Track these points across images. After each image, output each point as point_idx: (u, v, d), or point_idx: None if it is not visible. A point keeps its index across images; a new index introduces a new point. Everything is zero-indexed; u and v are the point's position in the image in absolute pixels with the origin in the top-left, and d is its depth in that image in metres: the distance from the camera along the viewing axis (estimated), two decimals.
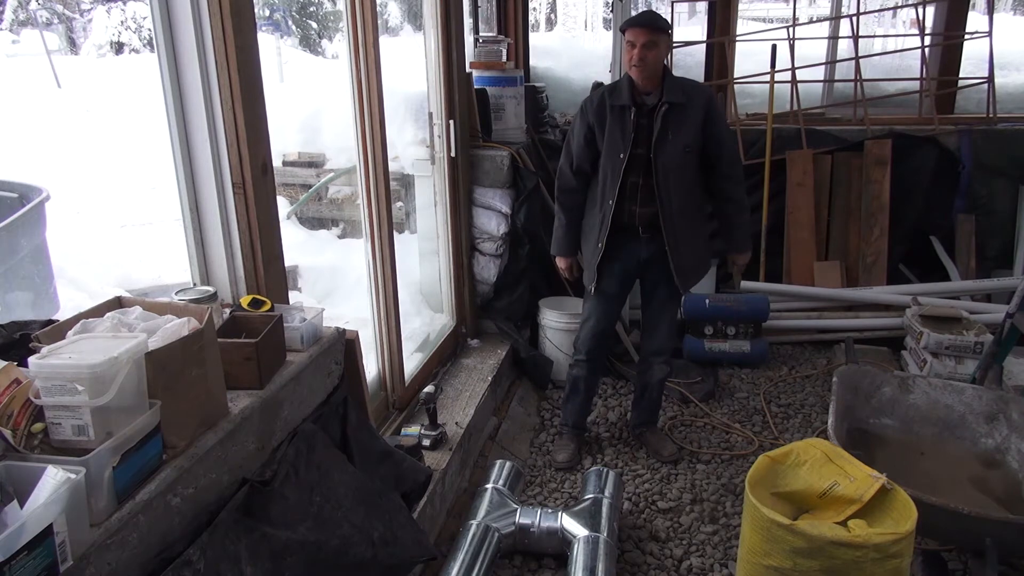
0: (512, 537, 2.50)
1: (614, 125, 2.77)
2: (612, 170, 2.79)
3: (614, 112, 2.77)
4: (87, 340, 1.26)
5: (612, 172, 2.79)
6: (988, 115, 4.46)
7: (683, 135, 2.72)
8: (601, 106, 2.79)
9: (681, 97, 2.71)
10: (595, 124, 2.81)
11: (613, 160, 2.78)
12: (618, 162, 2.76)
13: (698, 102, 2.74)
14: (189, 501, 1.33)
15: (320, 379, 1.83)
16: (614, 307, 3.04)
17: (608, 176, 2.80)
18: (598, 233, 2.87)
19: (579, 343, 3.11)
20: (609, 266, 2.90)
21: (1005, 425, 2.56)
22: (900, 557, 1.80)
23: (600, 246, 2.85)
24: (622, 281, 2.98)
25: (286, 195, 4.26)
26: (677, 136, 2.72)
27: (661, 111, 2.70)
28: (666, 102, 2.70)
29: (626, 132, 2.74)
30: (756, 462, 2.10)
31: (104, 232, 3.25)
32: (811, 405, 3.66)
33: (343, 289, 3.61)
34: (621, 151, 2.75)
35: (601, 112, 2.79)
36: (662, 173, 2.74)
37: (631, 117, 2.73)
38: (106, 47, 5.16)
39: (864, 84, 4.51)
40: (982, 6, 4.68)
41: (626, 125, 2.74)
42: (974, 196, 4.39)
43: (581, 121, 2.85)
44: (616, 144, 2.76)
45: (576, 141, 2.87)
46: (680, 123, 2.72)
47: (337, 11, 6.46)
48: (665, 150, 2.72)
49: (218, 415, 1.44)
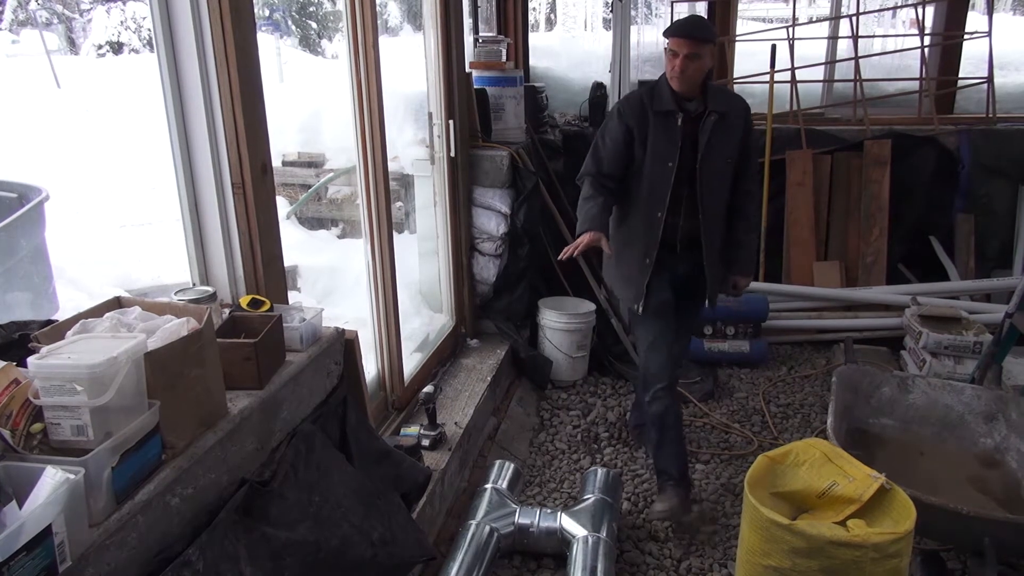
0: (511, 537, 2.50)
1: (659, 131, 2.58)
2: (661, 180, 2.60)
3: (658, 117, 2.58)
4: (86, 340, 1.26)
5: (661, 182, 2.60)
6: (987, 115, 4.46)
7: (727, 146, 2.61)
8: (642, 109, 2.59)
9: (725, 106, 2.59)
10: (635, 128, 2.60)
11: (661, 168, 2.59)
12: (667, 171, 2.58)
13: (738, 112, 2.64)
14: (188, 501, 1.33)
15: (319, 379, 1.83)
16: (671, 323, 2.77)
17: (656, 186, 2.61)
18: (643, 248, 2.67)
19: (651, 374, 2.77)
20: (657, 281, 2.69)
21: (1004, 425, 2.56)
22: (899, 557, 1.81)
23: (648, 262, 2.66)
24: (670, 296, 2.75)
25: (286, 195, 4.26)
26: (722, 147, 2.60)
27: (710, 120, 2.56)
28: (714, 111, 2.56)
29: (673, 139, 2.57)
30: (755, 462, 2.10)
31: (104, 232, 3.25)
32: (810, 405, 3.66)
33: (342, 289, 3.61)
34: (670, 159, 2.57)
35: (643, 116, 2.59)
36: (706, 185, 2.60)
37: (678, 124, 2.56)
38: (106, 47, 5.16)
39: (864, 84, 4.52)
40: (982, 6, 4.69)
41: (672, 132, 2.57)
42: (973, 196, 4.39)
43: (618, 123, 2.62)
44: (663, 152, 2.58)
45: (610, 144, 2.64)
46: (725, 134, 2.59)
47: (337, 11, 6.46)
48: (712, 161, 2.59)
49: (217, 415, 1.44)
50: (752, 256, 2.89)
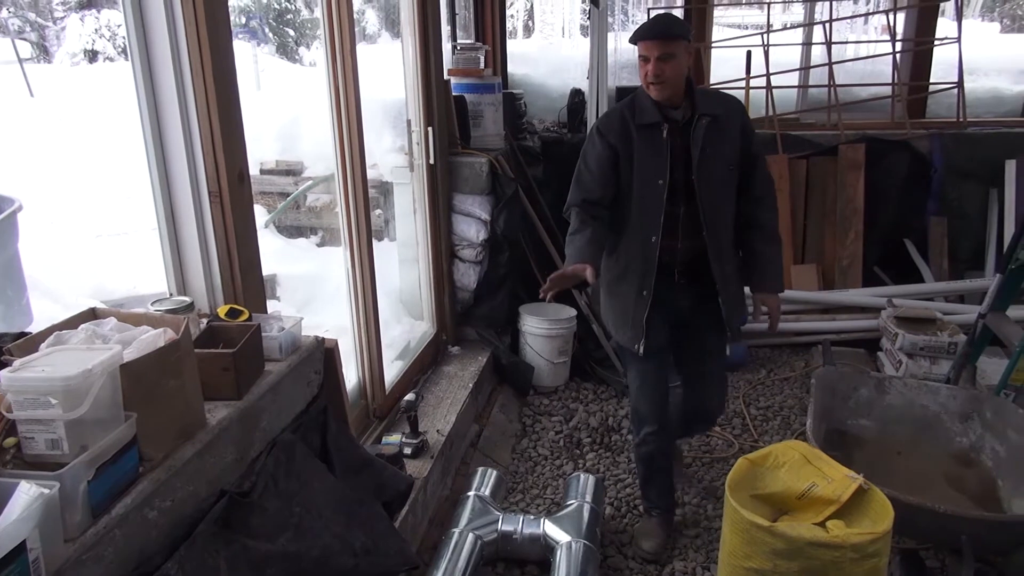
0: (495, 544, 2.49)
1: (644, 147, 2.31)
2: (652, 200, 2.32)
3: (642, 132, 2.31)
4: (61, 352, 1.25)
5: (652, 202, 2.32)
6: (958, 119, 4.54)
7: (724, 151, 2.33)
8: (623, 125, 2.33)
9: (717, 108, 2.32)
10: (619, 146, 2.33)
11: (651, 187, 2.32)
12: (658, 189, 2.31)
13: (733, 113, 2.36)
14: (166, 514, 1.31)
15: (299, 389, 1.82)
16: (666, 364, 2.57)
17: (648, 207, 2.34)
18: (639, 280, 2.40)
19: (641, 415, 2.59)
20: (656, 318, 2.42)
21: (979, 424, 2.60)
22: (878, 556, 1.82)
23: (646, 294, 2.38)
24: (668, 333, 2.48)
25: (264, 203, 4.23)
26: (718, 153, 2.31)
27: (701, 124, 2.28)
28: (704, 114, 2.28)
29: (660, 153, 2.30)
30: (736, 465, 2.12)
31: (79, 242, 3.20)
32: (790, 407, 3.69)
33: (322, 297, 3.58)
34: (660, 176, 2.30)
35: (625, 132, 2.32)
36: (707, 199, 2.32)
37: (663, 135, 2.30)
38: (80, 55, 5.10)
39: (838, 89, 4.58)
40: (951, 12, 4.76)
41: (659, 145, 2.30)
42: (946, 199, 4.46)
43: (600, 142, 2.35)
44: (651, 168, 2.31)
45: (594, 167, 2.36)
46: (719, 138, 2.31)
47: (314, 19, 6.43)
48: (709, 171, 2.31)
49: (196, 426, 1.43)
50: (777, 270, 2.48)
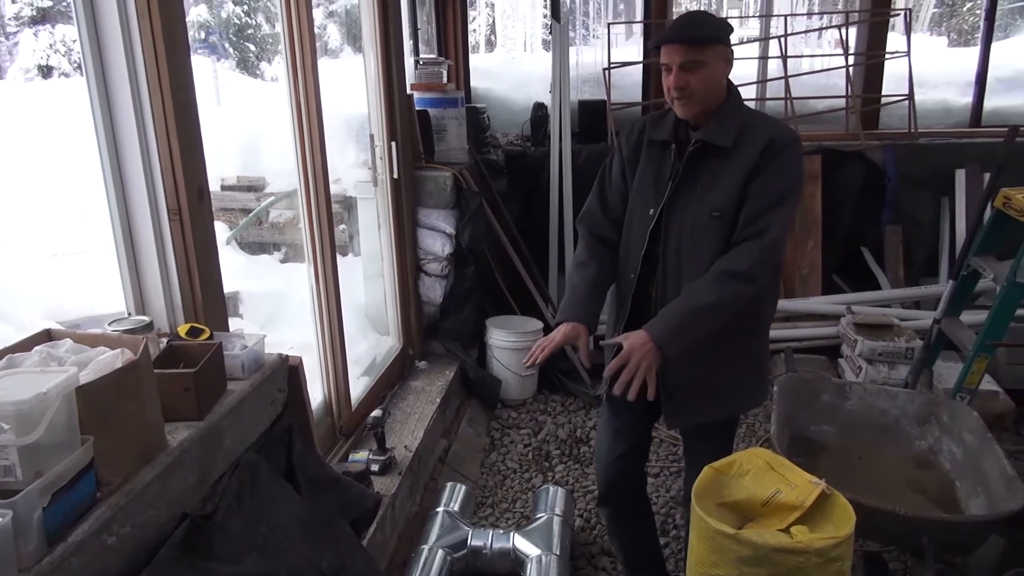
0: (464, 560, 2.48)
1: (647, 167, 2.01)
2: (637, 231, 2.01)
3: (651, 149, 2.01)
4: (13, 375, 1.22)
5: (637, 234, 2.01)
6: (910, 130, 4.67)
7: (714, 193, 1.89)
8: (639, 137, 2.05)
9: (726, 137, 1.88)
10: (627, 160, 2.06)
11: (641, 216, 2.00)
12: (646, 220, 1.98)
13: (751, 146, 1.87)
14: (126, 540, 1.28)
15: (263, 407, 1.79)
16: (634, 423, 2.17)
17: (632, 239, 2.04)
18: (616, 314, 2.11)
19: (597, 465, 2.31)
20: None
21: (937, 427, 2.66)
22: (842, 560, 1.85)
23: (617, 334, 2.01)
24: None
25: (225, 220, 4.17)
26: (707, 192, 1.90)
27: (694, 151, 1.90)
28: (704, 141, 1.89)
29: (661, 179, 1.97)
30: (701, 473, 2.13)
31: (33, 262, 3.13)
32: (754, 415, 3.74)
33: (286, 314, 3.54)
34: (651, 205, 1.97)
35: (636, 145, 2.05)
36: (673, 245, 1.94)
37: (670, 159, 1.96)
38: (34, 71, 4.99)
39: (794, 102, 4.68)
40: (901, 27, 4.90)
41: (662, 169, 1.98)
42: (900, 208, 4.58)
43: (617, 150, 2.12)
44: (644, 194, 2.00)
45: (610, 175, 2.13)
46: (717, 173, 1.89)
47: (275, 33, 6.38)
48: (685, 211, 1.92)
49: (156, 448, 1.39)
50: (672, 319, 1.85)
